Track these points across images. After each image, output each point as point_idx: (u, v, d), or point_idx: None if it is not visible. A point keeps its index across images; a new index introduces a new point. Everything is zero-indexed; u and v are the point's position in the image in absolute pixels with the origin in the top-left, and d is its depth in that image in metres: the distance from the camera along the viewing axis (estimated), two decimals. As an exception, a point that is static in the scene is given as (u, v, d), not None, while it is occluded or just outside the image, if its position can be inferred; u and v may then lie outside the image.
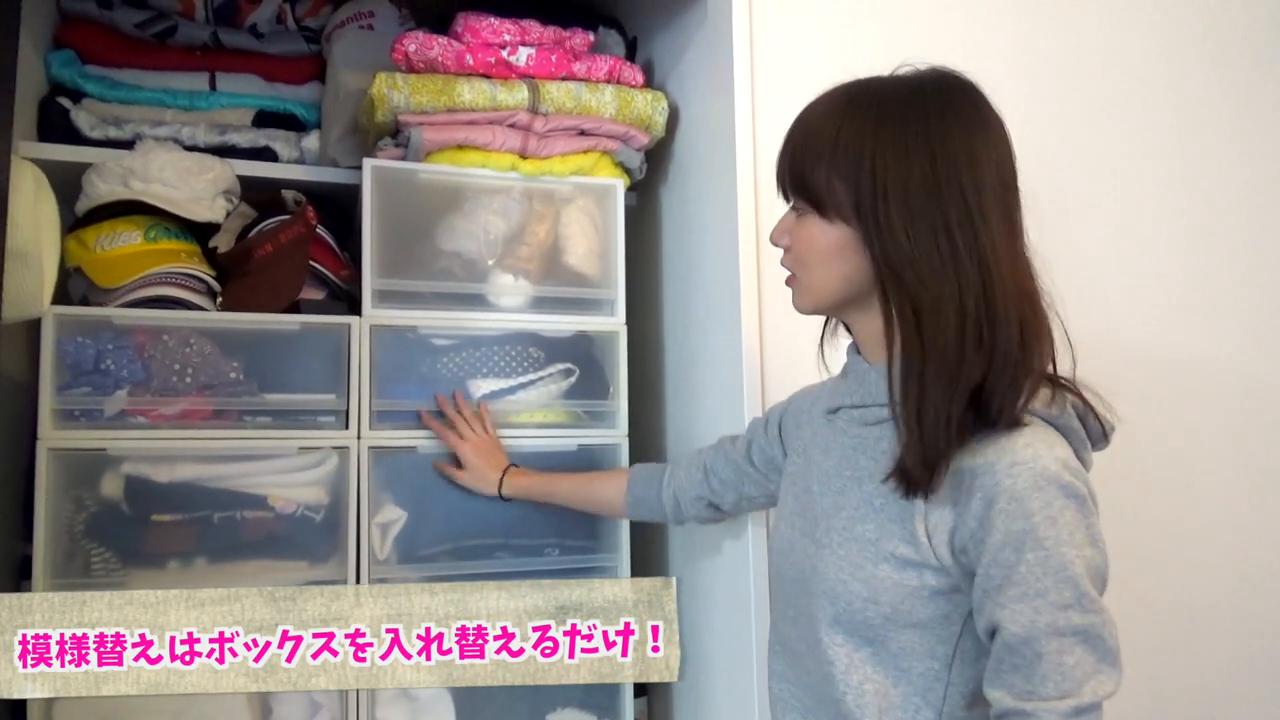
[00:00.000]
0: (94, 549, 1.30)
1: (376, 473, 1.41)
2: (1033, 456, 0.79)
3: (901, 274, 0.83)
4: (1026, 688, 0.77)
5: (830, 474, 0.94)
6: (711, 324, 1.46)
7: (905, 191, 0.82)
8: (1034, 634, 0.77)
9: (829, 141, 0.86)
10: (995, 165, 0.84)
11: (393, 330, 1.43)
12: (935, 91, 0.86)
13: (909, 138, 0.83)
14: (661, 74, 1.66)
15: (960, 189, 0.81)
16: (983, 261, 0.81)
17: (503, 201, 1.49)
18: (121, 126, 1.53)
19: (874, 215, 0.83)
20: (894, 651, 0.86)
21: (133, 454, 1.32)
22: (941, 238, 0.81)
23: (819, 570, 0.90)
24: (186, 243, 1.45)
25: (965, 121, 0.84)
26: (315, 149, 1.60)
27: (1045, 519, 0.77)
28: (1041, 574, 0.77)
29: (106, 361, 1.31)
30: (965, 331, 0.80)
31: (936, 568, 0.83)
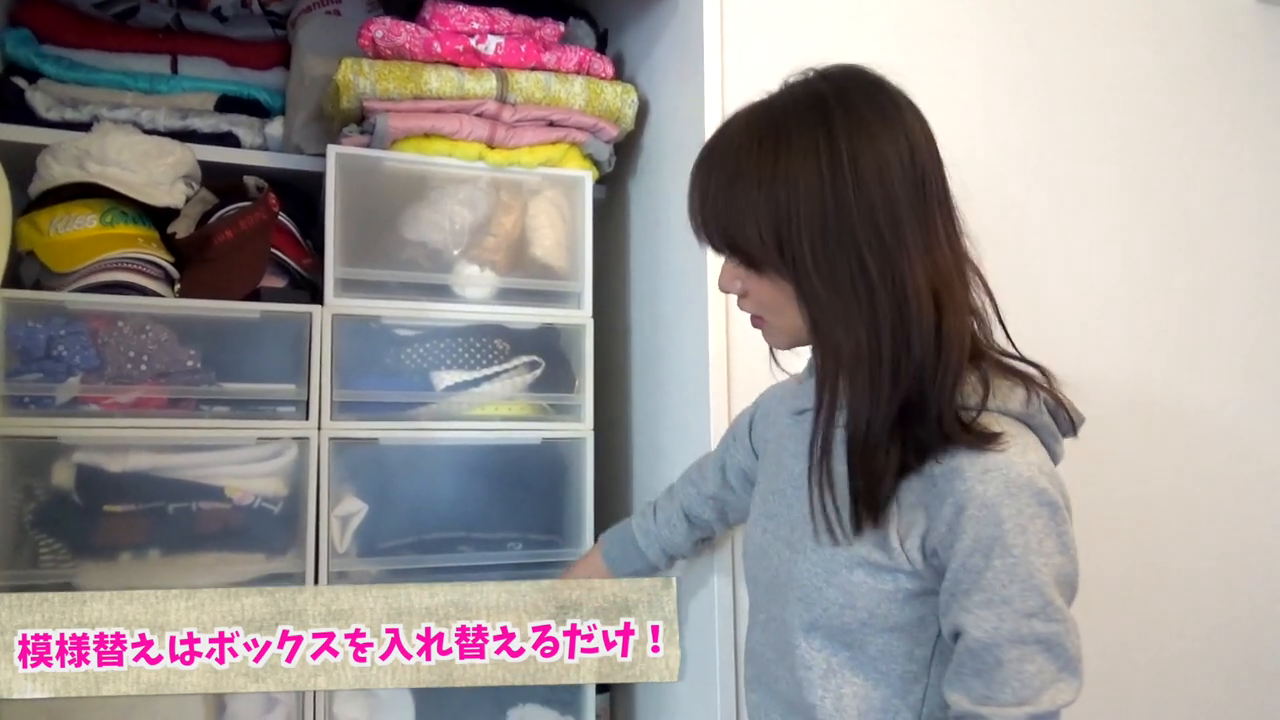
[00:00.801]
0: (43, 540, 1.27)
1: (337, 464, 1.38)
2: (1006, 462, 0.78)
3: (821, 326, 0.83)
4: (985, 693, 0.77)
5: (801, 478, 0.92)
6: (679, 318, 1.45)
7: (821, 236, 0.80)
8: (996, 640, 0.77)
9: (727, 197, 0.84)
10: (907, 163, 0.81)
11: (355, 320, 1.41)
12: (836, 97, 0.82)
13: (811, 173, 0.80)
14: (632, 67, 1.65)
15: (871, 210, 0.80)
16: (899, 287, 0.80)
17: (469, 191, 1.47)
18: (79, 108, 1.49)
19: (792, 264, 0.82)
20: (872, 655, 0.86)
21: (85, 443, 1.29)
22: (858, 279, 0.80)
23: (794, 576, 0.89)
24: (144, 228, 1.41)
25: (872, 126, 0.81)
26: (279, 135, 1.58)
27: (1015, 526, 0.77)
28: (1008, 581, 0.77)
29: (59, 347, 1.28)
30: (880, 370, 0.80)
31: (910, 571, 0.83)
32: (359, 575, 1.39)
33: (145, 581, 1.30)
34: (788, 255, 0.81)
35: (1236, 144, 1.72)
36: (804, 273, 0.81)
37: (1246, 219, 1.72)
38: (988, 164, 1.51)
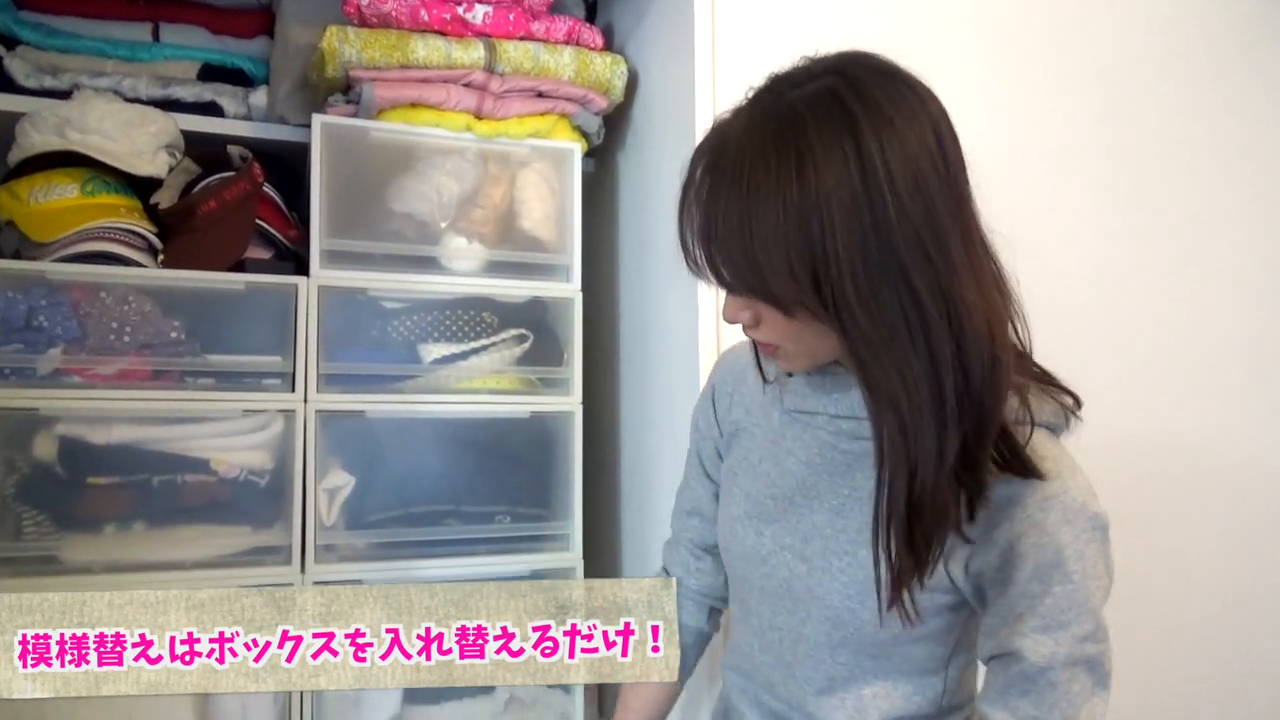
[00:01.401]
0: (26, 512, 1.26)
1: (324, 437, 1.37)
2: (1061, 489, 0.76)
3: (874, 372, 0.72)
4: (1034, 713, 0.77)
5: (821, 489, 0.86)
6: (667, 292, 1.45)
7: (863, 266, 0.68)
8: (1053, 664, 0.76)
9: (760, 230, 0.69)
10: (940, 162, 0.70)
11: (341, 292, 1.39)
12: (855, 98, 0.69)
13: (844, 191, 0.67)
14: (621, 38, 1.64)
15: (914, 228, 0.68)
16: (952, 313, 0.70)
17: (457, 163, 1.46)
18: (59, 76, 1.47)
19: (835, 308, 0.70)
20: (896, 661, 0.86)
21: (67, 414, 1.27)
22: (909, 308, 0.69)
23: (816, 594, 0.86)
24: (126, 197, 1.39)
25: (894, 126, 0.69)
26: (263, 105, 1.56)
27: (1074, 553, 0.76)
28: (1067, 607, 0.76)
29: (39, 318, 1.26)
30: (945, 413, 0.71)
31: (946, 588, 0.82)
32: (346, 548, 1.38)
33: (131, 554, 1.29)
34: (825, 293, 0.69)
35: (1236, 132, 1.71)
36: (848, 312, 0.69)
37: (1242, 211, 1.71)
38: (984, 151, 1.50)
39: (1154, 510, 1.62)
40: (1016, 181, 1.54)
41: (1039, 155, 1.56)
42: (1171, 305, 1.65)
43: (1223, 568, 1.67)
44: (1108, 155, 1.61)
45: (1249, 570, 1.69)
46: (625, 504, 1.62)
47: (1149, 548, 1.59)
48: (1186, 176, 1.67)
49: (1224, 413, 1.68)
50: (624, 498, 1.62)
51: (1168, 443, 1.65)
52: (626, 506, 1.61)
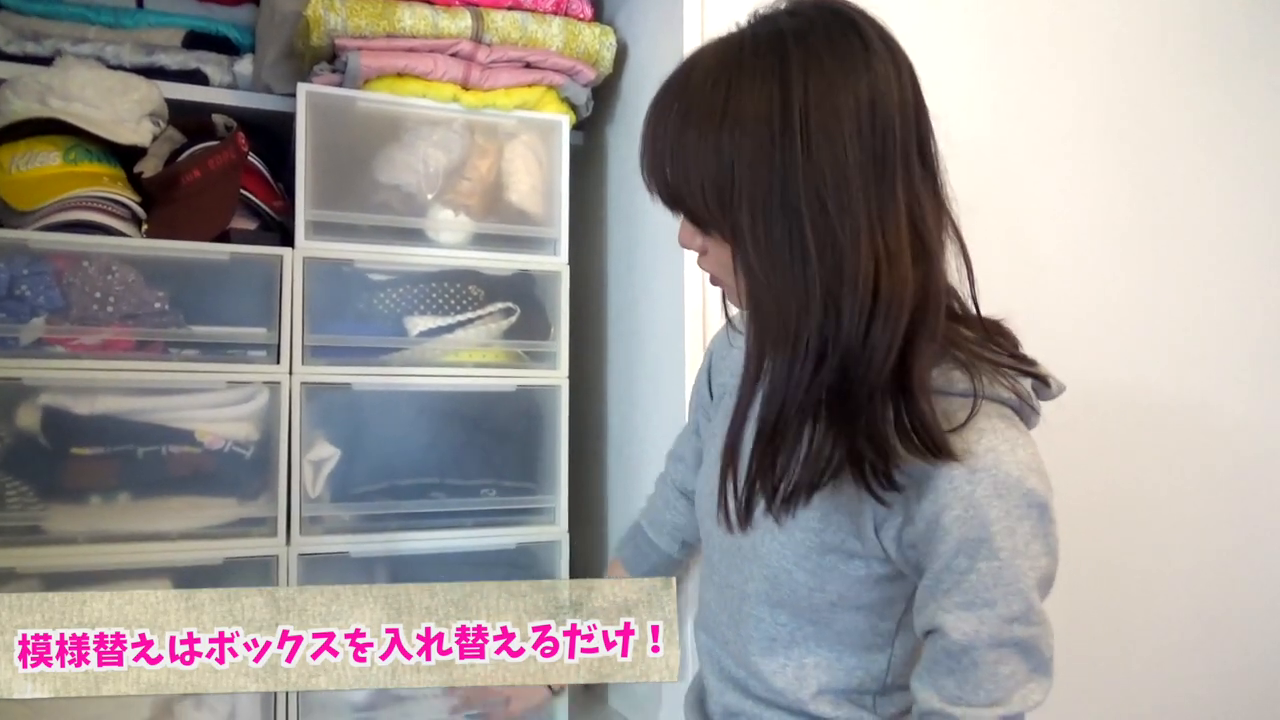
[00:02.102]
0: (9, 482, 1.25)
1: (309, 409, 1.37)
2: (995, 462, 0.74)
3: (755, 292, 0.75)
4: (957, 693, 0.76)
5: None
6: (655, 266, 1.44)
7: (764, 199, 0.72)
8: (976, 644, 0.75)
9: (672, 150, 0.76)
10: (865, 117, 0.72)
11: (327, 263, 1.39)
12: (796, 36, 0.73)
13: (760, 127, 0.71)
14: (611, 8, 1.62)
15: (817, 174, 0.71)
16: (835, 261, 0.71)
17: (443, 134, 1.45)
18: (40, 42, 1.45)
19: (732, 232, 0.75)
20: (838, 630, 0.86)
21: (51, 384, 1.27)
22: (795, 249, 0.72)
23: (759, 553, 0.87)
24: (109, 166, 1.38)
25: (825, 74, 0.71)
26: (248, 73, 1.54)
27: (1003, 529, 0.74)
28: (992, 584, 0.74)
29: (21, 287, 1.25)
30: (806, 344, 0.73)
31: (882, 558, 0.82)
32: (332, 520, 1.39)
33: (116, 525, 1.29)
34: (729, 217, 0.74)
35: (1229, 107, 1.70)
36: (741, 237, 0.74)
37: (1232, 179, 1.71)
38: (972, 119, 1.49)
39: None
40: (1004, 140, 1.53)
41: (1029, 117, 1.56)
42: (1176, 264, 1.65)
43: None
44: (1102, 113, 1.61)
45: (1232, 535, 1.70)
46: (611, 478, 1.62)
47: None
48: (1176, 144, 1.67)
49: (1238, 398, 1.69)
50: (610, 471, 1.63)
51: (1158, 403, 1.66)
52: (612, 480, 1.62)
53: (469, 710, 1.40)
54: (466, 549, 1.44)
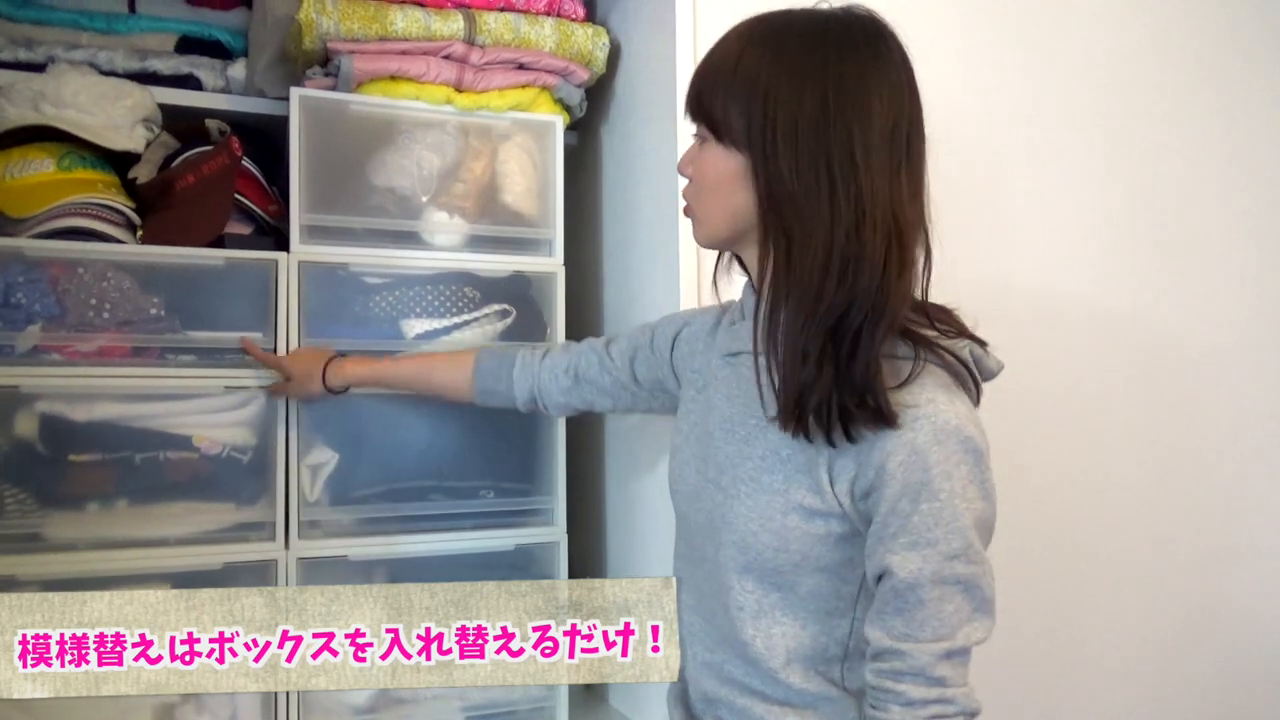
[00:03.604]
0: (8, 490, 1.26)
1: (307, 413, 1.37)
2: (934, 411, 0.81)
3: (779, 206, 0.83)
4: (905, 630, 0.81)
5: (734, 420, 0.94)
6: (650, 267, 1.44)
7: (794, 125, 0.82)
8: (920, 581, 0.80)
9: (729, 70, 0.86)
10: (888, 108, 0.83)
11: (322, 267, 1.39)
12: (840, 30, 0.85)
13: (805, 72, 0.82)
14: (604, 9, 1.62)
15: (847, 127, 0.81)
16: (859, 200, 0.81)
17: (437, 136, 1.45)
18: (33, 48, 1.45)
19: (762, 145, 0.83)
20: (802, 595, 0.89)
21: (47, 392, 1.27)
22: (823, 174, 0.81)
23: (728, 519, 0.91)
24: (104, 172, 1.38)
25: (864, 62, 0.83)
26: (241, 78, 1.54)
27: (942, 472, 0.80)
28: (933, 524, 0.80)
29: (17, 295, 1.25)
30: (829, 267, 0.81)
31: (840, 515, 0.86)
32: (330, 524, 1.39)
33: (115, 531, 1.29)
34: (756, 129, 0.83)
35: (1213, 87, 1.71)
36: (771, 153, 0.82)
37: (1223, 160, 1.72)
38: (963, 109, 1.50)
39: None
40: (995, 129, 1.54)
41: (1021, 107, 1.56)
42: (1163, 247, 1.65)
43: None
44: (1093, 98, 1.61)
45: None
46: (609, 478, 1.62)
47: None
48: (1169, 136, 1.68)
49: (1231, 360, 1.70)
50: (608, 472, 1.63)
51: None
52: (610, 481, 1.62)
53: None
54: (465, 551, 1.44)
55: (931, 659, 0.80)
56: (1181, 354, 1.69)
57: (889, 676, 0.82)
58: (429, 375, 1.31)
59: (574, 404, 1.21)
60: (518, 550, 1.47)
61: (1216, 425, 1.72)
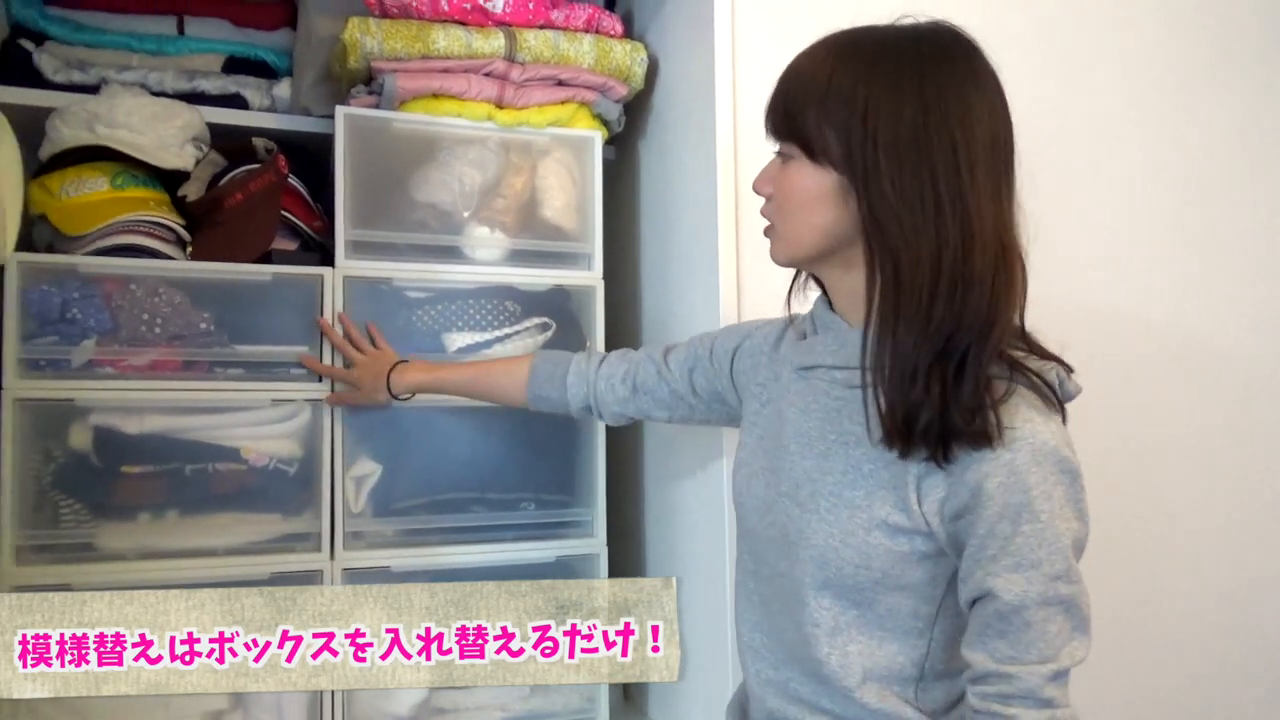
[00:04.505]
0: (63, 500, 1.29)
1: (351, 426, 1.39)
2: (1032, 432, 0.80)
3: (885, 226, 0.82)
4: (1010, 653, 0.80)
5: (812, 435, 0.92)
6: (689, 278, 1.45)
7: (895, 140, 0.81)
8: (1025, 603, 0.79)
9: (822, 86, 0.84)
10: (987, 121, 0.83)
11: (366, 282, 1.41)
12: (932, 43, 0.84)
13: (902, 86, 0.81)
14: (641, 25, 1.64)
15: (950, 140, 0.80)
16: (965, 216, 0.80)
17: (478, 152, 1.47)
18: (86, 70, 1.49)
19: (863, 162, 0.82)
20: (880, 613, 0.88)
21: (101, 404, 1.30)
22: (926, 188, 0.80)
23: (805, 535, 0.89)
24: (155, 190, 1.42)
25: (961, 75, 0.83)
26: (287, 96, 1.57)
27: (1042, 493, 0.79)
28: (1036, 545, 0.79)
29: (73, 310, 1.28)
30: (939, 286, 0.80)
31: (926, 534, 0.85)
32: (374, 535, 1.41)
33: (164, 541, 1.32)
34: (856, 146, 0.82)
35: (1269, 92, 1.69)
36: (873, 170, 0.81)
37: (1263, 156, 1.70)
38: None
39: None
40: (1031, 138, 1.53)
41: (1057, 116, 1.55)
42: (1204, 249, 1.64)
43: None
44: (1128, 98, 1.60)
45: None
46: (648, 490, 1.63)
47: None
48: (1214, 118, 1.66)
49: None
50: (647, 484, 1.63)
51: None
52: (650, 493, 1.62)
53: None
54: (506, 563, 1.45)
55: (1040, 681, 0.79)
56: (1240, 366, 1.66)
57: (996, 700, 0.81)
58: (485, 381, 1.31)
59: (629, 413, 1.21)
60: (558, 562, 1.48)
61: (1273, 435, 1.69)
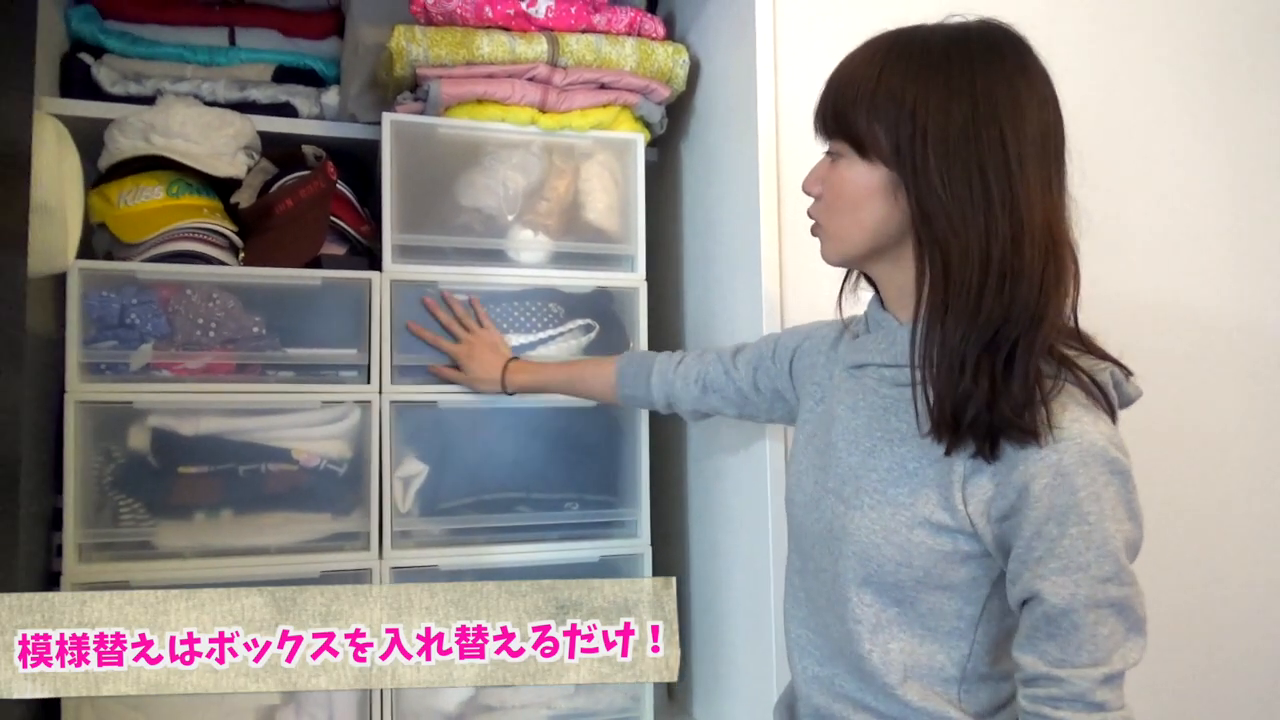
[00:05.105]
0: (122, 500, 1.33)
1: (398, 427, 1.42)
2: (1080, 432, 0.79)
3: (934, 220, 0.82)
4: (1060, 656, 0.80)
5: (859, 432, 0.93)
6: (732, 280, 1.45)
7: (944, 136, 0.81)
8: (1074, 606, 0.79)
9: (871, 83, 0.85)
10: (1037, 115, 0.83)
11: (413, 285, 1.43)
12: (981, 40, 0.84)
13: (952, 82, 0.82)
14: (683, 26, 1.64)
15: (1000, 135, 0.81)
16: (1014, 209, 0.80)
17: (522, 156, 1.48)
18: (142, 82, 1.53)
19: (911, 158, 0.82)
20: (922, 612, 0.88)
21: (158, 407, 1.33)
22: (976, 183, 0.80)
23: (849, 531, 0.90)
24: (208, 198, 1.45)
25: (1010, 70, 0.83)
26: (335, 104, 1.60)
27: (1090, 495, 0.78)
28: (1084, 548, 0.79)
29: (131, 315, 1.32)
30: (988, 280, 0.80)
31: (970, 534, 0.84)
32: (421, 534, 1.43)
33: (219, 540, 1.35)
34: (905, 142, 0.82)
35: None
36: (922, 165, 0.82)
37: None
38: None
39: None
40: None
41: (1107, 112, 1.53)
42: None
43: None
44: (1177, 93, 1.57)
45: None
46: (692, 491, 1.63)
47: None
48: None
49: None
50: (690, 485, 1.64)
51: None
52: (693, 493, 1.63)
53: None
54: (551, 562, 1.46)
55: (1090, 684, 0.79)
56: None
57: (1047, 704, 0.80)
58: (580, 382, 1.39)
59: (703, 410, 1.25)
60: (602, 562, 1.49)
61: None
